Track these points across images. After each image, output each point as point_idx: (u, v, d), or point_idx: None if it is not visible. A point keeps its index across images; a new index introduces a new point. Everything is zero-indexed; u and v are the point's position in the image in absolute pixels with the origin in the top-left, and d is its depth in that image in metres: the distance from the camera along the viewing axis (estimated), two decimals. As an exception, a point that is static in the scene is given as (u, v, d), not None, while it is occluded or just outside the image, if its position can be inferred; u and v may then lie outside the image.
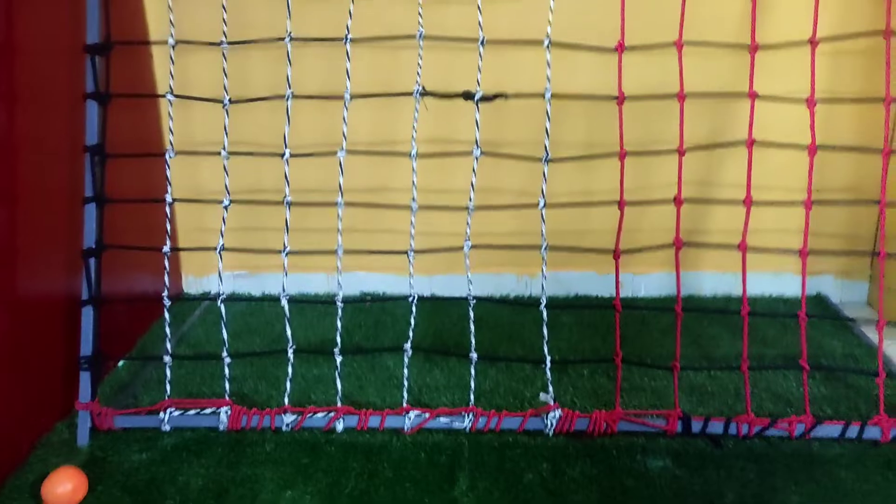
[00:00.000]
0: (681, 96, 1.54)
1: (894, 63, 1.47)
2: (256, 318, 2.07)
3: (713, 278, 2.14)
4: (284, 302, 1.54)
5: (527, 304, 1.63)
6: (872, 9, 1.78)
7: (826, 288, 2.13)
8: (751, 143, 1.53)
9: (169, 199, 1.56)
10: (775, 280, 2.10)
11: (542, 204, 1.53)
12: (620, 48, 1.54)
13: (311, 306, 2.15)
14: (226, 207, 1.57)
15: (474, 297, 1.57)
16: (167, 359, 1.55)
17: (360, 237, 2.04)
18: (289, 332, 1.56)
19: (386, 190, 2.02)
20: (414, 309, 1.57)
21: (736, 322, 1.58)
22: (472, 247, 1.56)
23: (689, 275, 2.10)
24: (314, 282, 2.19)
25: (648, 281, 2.15)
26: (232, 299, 1.60)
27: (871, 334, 1.81)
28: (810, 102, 1.51)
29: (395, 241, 1.81)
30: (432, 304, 2.15)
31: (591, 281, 2.16)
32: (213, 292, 2.21)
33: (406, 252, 1.57)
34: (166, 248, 1.55)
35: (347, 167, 1.57)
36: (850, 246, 2.07)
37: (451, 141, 1.97)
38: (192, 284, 2.22)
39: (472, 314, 1.55)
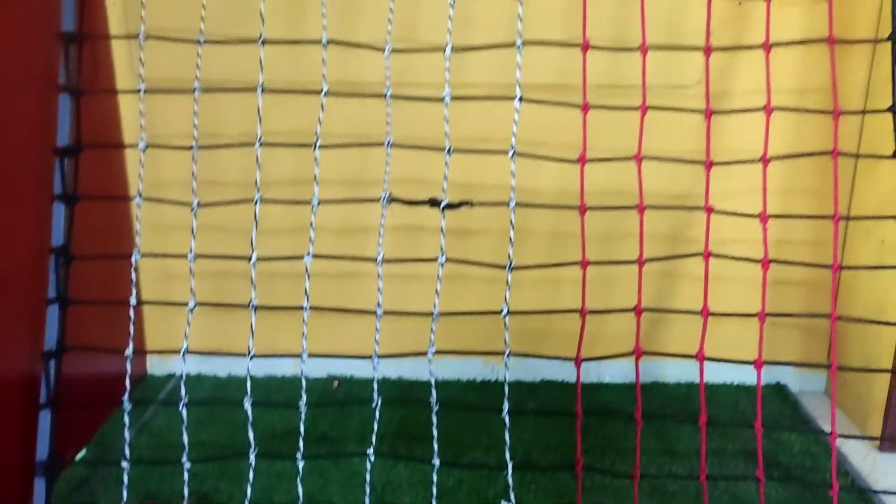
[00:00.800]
0: (640, 208, 1.59)
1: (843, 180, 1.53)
2: (221, 402, 2.06)
3: (676, 366, 2.17)
4: (248, 405, 1.55)
5: (492, 409, 1.63)
6: (822, 126, 1.84)
7: (786, 377, 2.17)
8: (707, 255, 1.58)
9: (133, 301, 1.56)
10: (737, 369, 2.14)
11: (505, 311, 1.56)
12: (582, 161, 1.58)
13: (278, 388, 2.15)
14: (191, 310, 1.57)
15: (438, 402, 1.58)
16: (125, 464, 1.53)
17: (328, 321, 2.05)
18: (251, 436, 1.55)
19: (356, 276, 2.04)
20: (378, 413, 1.58)
21: (698, 414, 1.60)
22: (437, 352, 1.58)
23: (652, 363, 2.14)
24: (282, 365, 2.19)
25: (613, 367, 2.18)
26: (195, 403, 1.59)
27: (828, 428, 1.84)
28: (763, 218, 1.57)
29: (364, 323, 1.83)
30: (400, 387, 2.16)
31: (558, 366, 2.18)
32: (177, 373, 2.19)
33: (370, 356, 1.59)
34: (128, 351, 1.55)
35: (317, 246, 1.61)
36: (809, 336, 2.13)
37: (420, 228, 2.00)
38: (157, 366, 2.20)
39: (434, 419, 1.56)
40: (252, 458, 1.55)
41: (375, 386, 1.58)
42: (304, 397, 1.56)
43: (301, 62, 1.77)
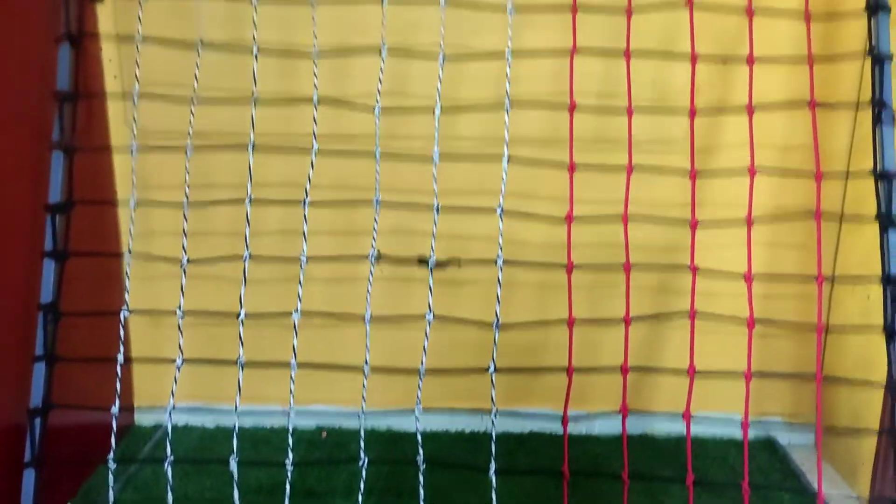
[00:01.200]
0: (626, 267, 1.60)
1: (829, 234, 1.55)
2: (209, 452, 2.04)
3: (665, 418, 2.16)
4: (234, 464, 1.54)
5: (480, 466, 1.63)
6: (807, 181, 1.87)
7: (775, 429, 2.17)
8: (693, 314, 1.59)
9: (121, 358, 1.56)
10: (727, 423, 2.13)
11: (492, 368, 1.57)
12: (569, 219, 1.60)
13: (266, 439, 2.13)
14: (179, 367, 1.57)
15: (426, 455, 1.58)
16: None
17: (317, 371, 2.05)
18: (236, 496, 1.54)
19: (345, 325, 2.04)
20: (364, 472, 1.57)
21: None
22: (424, 409, 1.58)
23: (641, 416, 2.13)
24: (270, 415, 2.17)
25: (603, 419, 2.17)
26: (180, 461, 1.58)
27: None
28: (748, 278, 1.58)
29: (353, 372, 1.82)
30: (388, 438, 2.15)
31: (547, 417, 2.18)
32: (165, 423, 2.18)
33: (358, 411, 1.58)
34: (115, 409, 1.54)
35: (306, 295, 1.62)
36: (798, 387, 2.13)
37: (409, 278, 2.01)
38: (145, 416, 2.19)
39: (422, 479, 1.55)
40: (237, 518, 1.54)
41: (362, 444, 1.58)
42: (291, 456, 1.55)
43: (293, 113, 1.79)
